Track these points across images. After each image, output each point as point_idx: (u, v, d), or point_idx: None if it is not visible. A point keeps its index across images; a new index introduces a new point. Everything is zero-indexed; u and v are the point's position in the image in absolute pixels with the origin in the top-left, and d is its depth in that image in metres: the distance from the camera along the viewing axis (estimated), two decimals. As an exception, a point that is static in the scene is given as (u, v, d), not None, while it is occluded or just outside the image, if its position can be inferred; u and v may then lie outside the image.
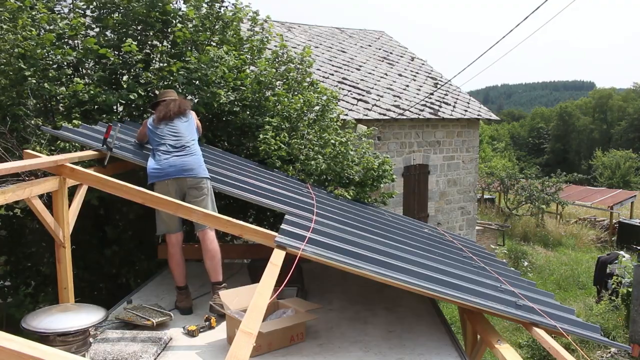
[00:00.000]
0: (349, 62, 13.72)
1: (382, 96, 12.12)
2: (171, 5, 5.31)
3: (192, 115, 4.16)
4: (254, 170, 4.68)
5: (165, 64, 5.04)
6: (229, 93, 5.14)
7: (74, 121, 4.33)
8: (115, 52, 5.03)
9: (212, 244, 3.76)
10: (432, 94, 13.26)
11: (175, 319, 3.57)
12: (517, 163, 37.43)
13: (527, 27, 9.67)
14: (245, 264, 4.93)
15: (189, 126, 4.03)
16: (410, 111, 11.84)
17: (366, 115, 10.77)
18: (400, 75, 14.11)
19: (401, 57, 15.77)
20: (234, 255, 5.19)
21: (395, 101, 12.11)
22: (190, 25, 5.41)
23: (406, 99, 12.44)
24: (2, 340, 1.45)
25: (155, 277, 4.68)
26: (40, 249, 5.16)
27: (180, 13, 5.44)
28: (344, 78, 12.39)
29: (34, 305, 4.86)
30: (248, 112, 5.34)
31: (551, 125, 64.80)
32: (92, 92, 4.61)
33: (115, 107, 4.91)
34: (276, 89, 5.69)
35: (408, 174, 12.04)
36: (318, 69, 11.98)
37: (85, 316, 2.75)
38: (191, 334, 3.30)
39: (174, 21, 5.37)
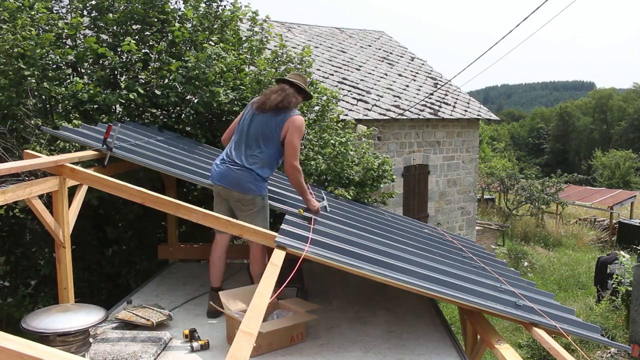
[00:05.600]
0: (348, 62, 13.73)
1: (382, 96, 12.13)
2: (170, 4, 5.31)
3: (291, 121, 3.55)
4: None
5: (164, 64, 5.04)
6: (229, 92, 5.14)
7: (74, 121, 4.33)
8: (114, 52, 5.03)
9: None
10: (432, 94, 13.26)
11: (175, 319, 3.57)
12: (517, 163, 37.45)
13: (527, 27, 9.69)
14: (245, 264, 4.93)
15: (273, 129, 3.54)
16: (410, 111, 11.84)
17: (366, 115, 10.77)
18: (400, 75, 14.11)
19: (401, 57, 15.78)
20: (234, 255, 5.19)
21: (395, 101, 12.11)
22: (189, 25, 5.41)
23: (406, 99, 12.45)
24: (2, 340, 1.45)
25: (155, 277, 4.68)
26: (40, 249, 5.16)
27: (180, 13, 5.44)
28: (344, 78, 12.39)
29: (34, 305, 4.85)
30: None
31: (551, 125, 64.80)
32: (91, 91, 4.61)
33: (114, 107, 4.91)
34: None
35: (408, 174, 12.04)
36: (318, 69, 11.99)
37: (85, 316, 2.74)
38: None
39: (173, 21, 5.37)
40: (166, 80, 5.05)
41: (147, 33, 5.28)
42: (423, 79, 14.44)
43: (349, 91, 11.69)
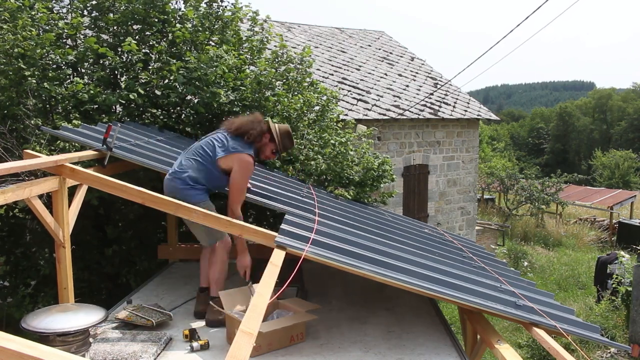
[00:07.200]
0: (348, 62, 13.73)
1: (382, 96, 12.13)
2: (170, 5, 5.31)
3: (238, 157, 3.47)
4: (254, 170, 4.67)
5: (165, 64, 5.04)
6: (229, 93, 5.15)
7: (74, 121, 4.33)
8: (114, 52, 5.03)
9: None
10: (432, 94, 13.26)
11: (175, 319, 3.57)
12: (517, 163, 37.45)
13: (527, 27, 9.69)
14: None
15: (216, 146, 3.51)
16: (410, 111, 11.85)
17: (366, 115, 10.77)
18: (400, 75, 14.11)
19: (401, 57, 15.78)
20: (233, 255, 5.19)
21: (395, 101, 12.11)
22: (189, 25, 5.41)
23: (406, 99, 12.45)
24: (2, 340, 1.45)
25: (155, 277, 4.68)
26: (40, 249, 5.16)
27: (180, 13, 5.44)
28: (343, 78, 12.39)
29: (34, 305, 4.85)
30: (248, 112, 5.34)
31: (551, 125, 64.83)
32: (92, 92, 4.61)
33: (114, 107, 4.91)
34: (276, 89, 5.69)
35: (408, 174, 12.04)
36: (318, 69, 11.99)
37: (85, 316, 2.74)
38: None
39: (174, 21, 5.37)
40: (167, 81, 5.05)
41: (148, 33, 5.28)
42: (423, 79, 14.44)
43: (349, 91, 11.69)
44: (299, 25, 15.31)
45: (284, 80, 5.88)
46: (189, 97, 5.22)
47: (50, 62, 4.81)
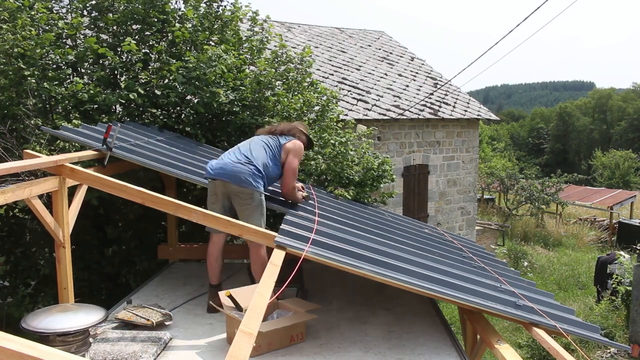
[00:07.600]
0: (348, 62, 13.73)
1: (382, 96, 12.13)
2: (170, 4, 5.32)
3: (290, 147, 3.85)
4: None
5: (164, 64, 5.04)
6: (229, 93, 5.15)
7: (74, 121, 4.33)
8: (114, 52, 5.04)
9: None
10: (432, 94, 13.26)
11: (176, 319, 3.56)
12: (517, 163, 37.44)
13: (527, 27, 9.70)
14: (245, 264, 4.93)
15: (271, 150, 3.83)
16: (410, 111, 11.85)
17: (366, 115, 10.78)
18: (400, 75, 14.11)
19: (401, 57, 15.78)
20: (234, 255, 5.19)
21: (395, 101, 12.11)
22: (189, 25, 5.41)
23: (406, 99, 12.45)
24: (2, 340, 1.45)
25: (155, 277, 4.68)
26: (40, 249, 5.16)
27: (180, 13, 5.44)
28: (343, 78, 12.39)
29: (34, 305, 4.85)
30: (248, 112, 5.34)
31: (551, 125, 64.84)
32: (91, 91, 4.61)
33: (114, 107, 4.91)
34: (276, 89, 5.69)
35: (408, 174, 12.04)
36: (318, 69, 11.99)
37: (85, 316, 2.74)
38: None
39: (173, 21, 5.37)
40: (166, 81, 5.06)
41: (147, 33, 5.28)
42: (423, 79, 14.44)
43: (349, 91, 11.69)
44: (299, 25, 15.31)
45: (284, 80, 5.88)
46: (188, 97, 5.22)
47: (50, 62, 4.81)
